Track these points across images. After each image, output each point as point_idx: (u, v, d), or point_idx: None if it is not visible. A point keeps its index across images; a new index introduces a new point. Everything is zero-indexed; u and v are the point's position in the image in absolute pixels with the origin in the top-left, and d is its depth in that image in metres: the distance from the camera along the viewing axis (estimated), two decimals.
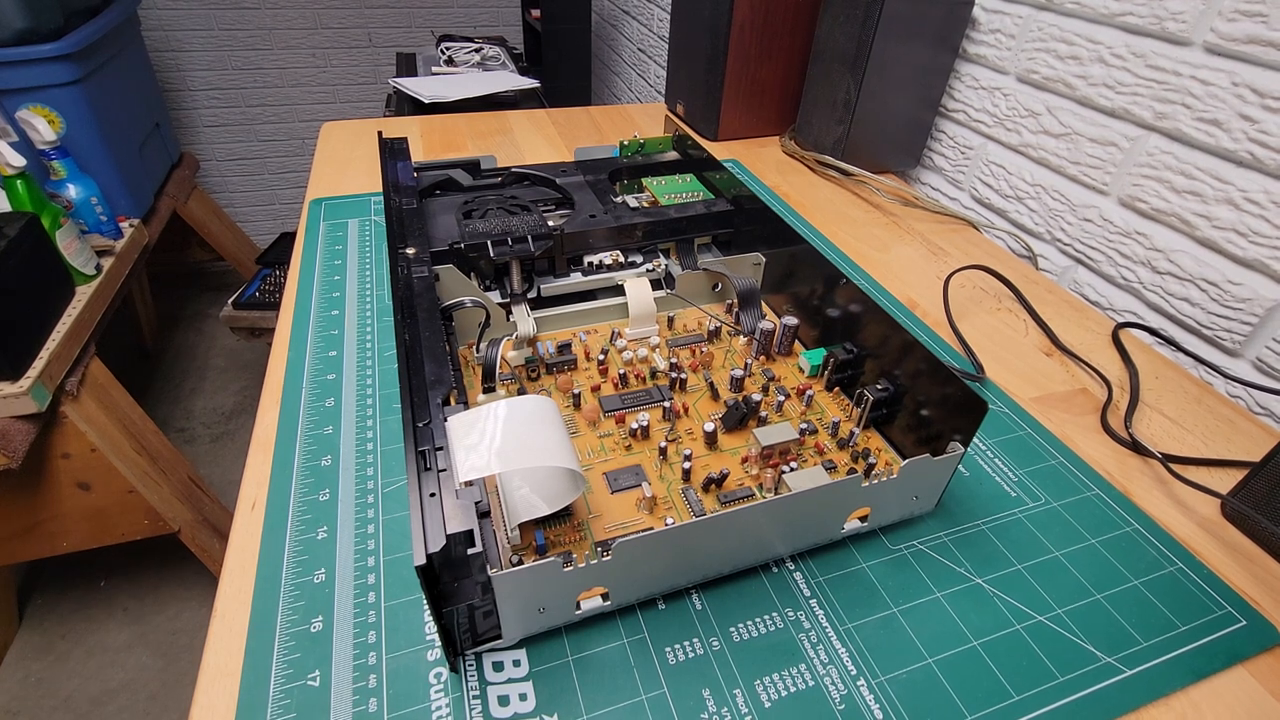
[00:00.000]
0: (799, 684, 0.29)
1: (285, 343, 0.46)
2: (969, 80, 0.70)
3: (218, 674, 0.28)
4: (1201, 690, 0.30)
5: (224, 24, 1.78)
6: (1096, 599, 0.33)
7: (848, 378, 0.42)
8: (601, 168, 0.58)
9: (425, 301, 0.38)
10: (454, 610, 0.27)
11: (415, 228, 0.45)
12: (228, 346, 1.81)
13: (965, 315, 0.54)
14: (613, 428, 0.39)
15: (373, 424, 0.40)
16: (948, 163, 0.76)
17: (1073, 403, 0.46)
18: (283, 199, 2.11)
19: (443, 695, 0.28)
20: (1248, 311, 0.49)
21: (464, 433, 0.28)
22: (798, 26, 0.78)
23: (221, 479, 1.44)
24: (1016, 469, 0.40)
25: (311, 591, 0.31)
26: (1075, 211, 0.61)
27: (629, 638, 0.30)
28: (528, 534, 0.33)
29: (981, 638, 0.31)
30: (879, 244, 0.63)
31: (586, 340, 0.46)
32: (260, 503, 0.35)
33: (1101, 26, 0.56)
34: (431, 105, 1.16)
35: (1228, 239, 0.49)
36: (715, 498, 0.36)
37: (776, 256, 0.48)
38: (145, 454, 1.00)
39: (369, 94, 2.00)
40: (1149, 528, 0.37)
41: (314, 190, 0.67)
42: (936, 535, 0.36)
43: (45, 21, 1.09)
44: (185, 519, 1.06)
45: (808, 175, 0.76)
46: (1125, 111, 0.55)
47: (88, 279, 0.99)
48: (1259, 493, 0.36)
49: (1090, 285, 0.61)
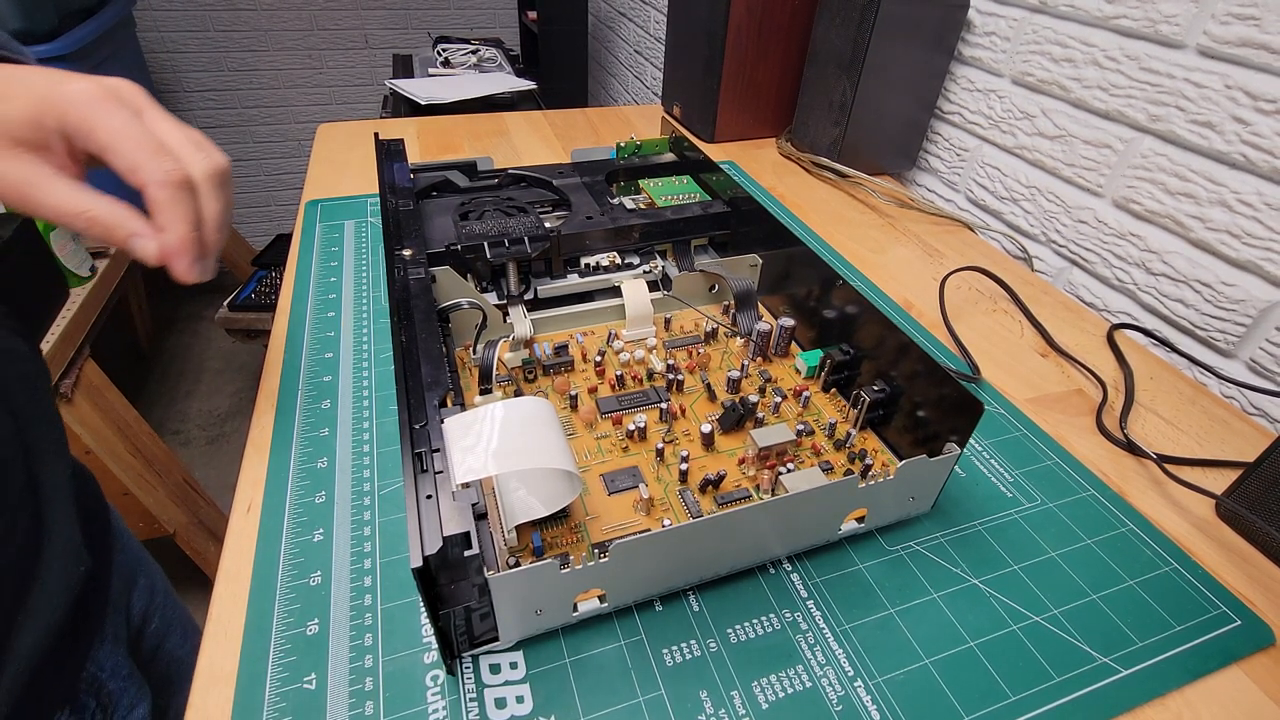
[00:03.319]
0: (796, 685, 0.29)
1: (281, 345, 0.46)
2: (964, 82, 0.71)
3: (213, 678, 0.28)
4: (1197, 690, 0.30)
5: (219, 25, 1.77)
6: (1092, 599, 0.33)
7: (844, 379, 0.42)
8: (598, 169, 0.58)
9: (422, 303, 0.38)
10: (451, 612, 0.27)
11: (412, 229, 0.45)
12: (223, 349, 1.81)
13: (961, 316, 0.54)
14: (610, 429, 0.39)
15: (369, 426, 0.40)
16: (943, 165, 0.76)
17: (1068, 403, 0.46)
18: (279, 201, 2.11)
19: (439, 698, 0.28)
20: (1241, 313, 0.49)
21: (461, 434, 0.28)
22: (794, 29, 0.78)
23: (217, 482, 1.43)
24: (1012, 470, 0.40)
25: (307, 594, 0.31)
26: (1070, 213, 0.61)
27: (626, 639, 0.30)
28: (525, 536, 0.33)
29: (978, 638, 0.31)
30: (875, 245, 0.64)
31: (583, 342, 0.46)
32: (256, 505, 0.35)
33: (1095, 29, 0.56)
34: (428, 107, 1.16)
35: (1221, 240, 0.50)
36: (712, 499, 0.36)
37: (773, 258, 0.48)
38: (140, 456, 0.99)
39: (365, 96, 2.00)
40: (1144, 528, 0.37)
41: (310, 192, 0.66)
42: (933, 536, 0.36)
43: (40, 23, 1.08)
44: (180, 522, 1.05)
45: (804, 177, 0.77)
46: (1119, 114, 0.55)
47: (82, 281, 0.99)
48: (1253, 493, 0.36)
49: (1085, 286, 0.61)
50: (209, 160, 0.31)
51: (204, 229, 0.31)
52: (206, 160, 0.31)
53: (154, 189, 0.29)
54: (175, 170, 0.29)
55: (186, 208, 0.30)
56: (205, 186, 0.31)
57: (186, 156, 0.30)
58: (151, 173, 0.29)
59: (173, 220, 0.29)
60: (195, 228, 0.30)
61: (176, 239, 0.29)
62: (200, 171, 0.30)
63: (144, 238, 0.30)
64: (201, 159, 0.30)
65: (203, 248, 0.31)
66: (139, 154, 0.28)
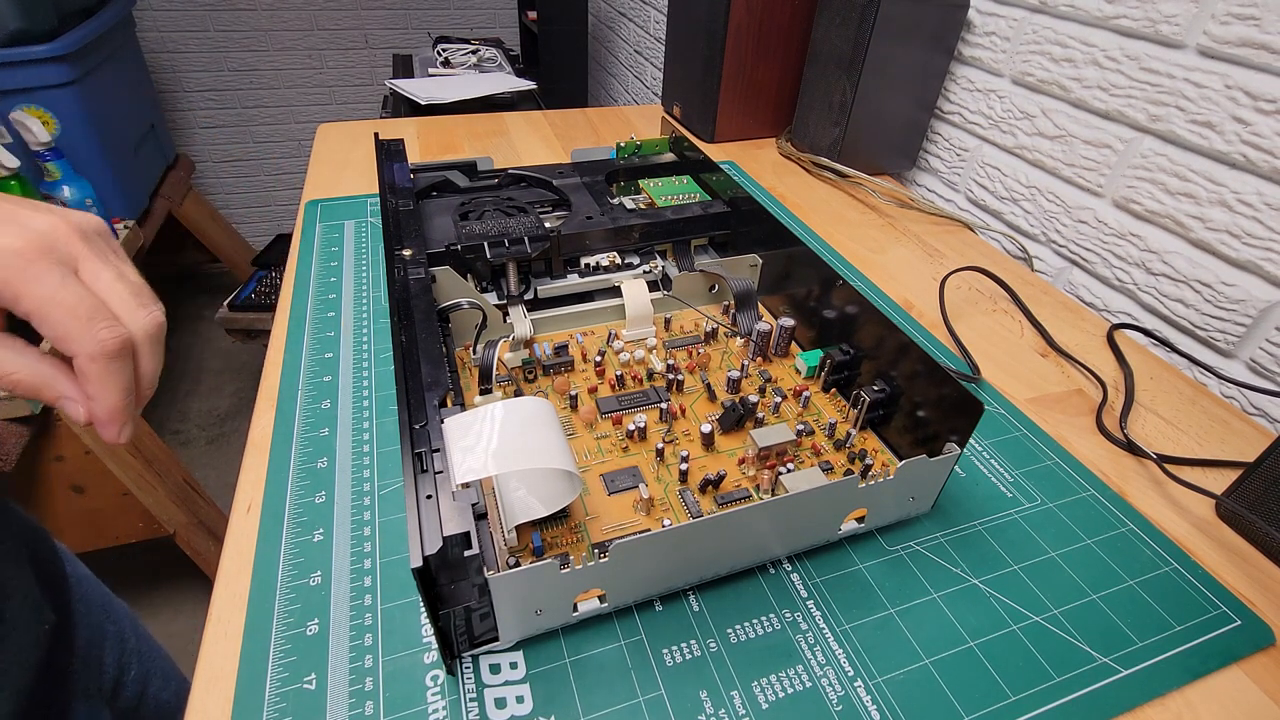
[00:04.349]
0: (796, 685, 0.29)
1: (281, 345, 0.46)
2: (964, 83, 0.71)
3: (213, 678, 0.28)
4: (1197, 690, 0.30)
5: (220, 25, 1.77)
6: (1092, 599, 0.33)
7: (844, 379, 0.42)
8: (598, 169, 0.58)
9: (422, 303, 0.38)
10: (451, 612, 0.27)
11: (412, 229, 0.45)
12: (223, 348, 1.81)
13: (961, 316, 0.54)
14: (610, 429, 0.39)
15: (369, 426, 0.40)
16: (943, 165, 0.76)
17: (1068, 403, 0.46)
18: (279, 201, 2.11)
19: (439, 698, 0.28)
20: (1241, 313, 0.49)
21: (460, 434, 0.28)
22: (794, 28, 0.78)
23: (217, 482, 1.43)
24: (1012, 470, 0.40)
25: (307, 594, 0.31)
26: (1070, 213, 0.61)
27: (626, 639, 0.30)
28: (525, 536, 0.33)
29: (978, 638, 0.31)
30: (875, 245, 0.64)
31: (583, 342, 0.46)
32: (256, 505, 0.35)
33: (1095, 29, 0.56)
34: (428, 107, 1.16)
35: (1221, 240, 0.50)
36: (712, 499, 0.36)
37: (773, 258, 0.48)
38: (140, 456, 0.99)
39: (365, 96, 2.00)
40: (1144, 528, 0.37)
41: (310, 192, 0.66)
42: (933, 536, 0.36)
43: (40, 22, 1.08)
44: (180, 522, 1.05)
45: (804, 177, 0.77)
46: (1119, 114, 0.55)
47: None
48: (1253, 493, 0.36)
49: (1085, 286, 0.61)
50: (149, 316, 0.28)
51: (138, 389, 0.28)
52: (147, 317, 0.28)
53: (84, 361, 0.26)
54: (110, 339, 0.27)
55: (120, 377, 0.27)
56: (144, 346, 0.28)
57: (126, 315, 0.27)
58: (84, 344, 0.26)
59: (104, 391, 0.27)
60: (128, 395, 0.28)
61: (106, 409, 0.27)
62: (140, 329, 0.28)
63: (72, 400, 0.28)
64: (143, 316, 0.28)
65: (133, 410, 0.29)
66: (69, 323, 0.26)
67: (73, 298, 0.26)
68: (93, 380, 0.27)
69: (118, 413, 0.28)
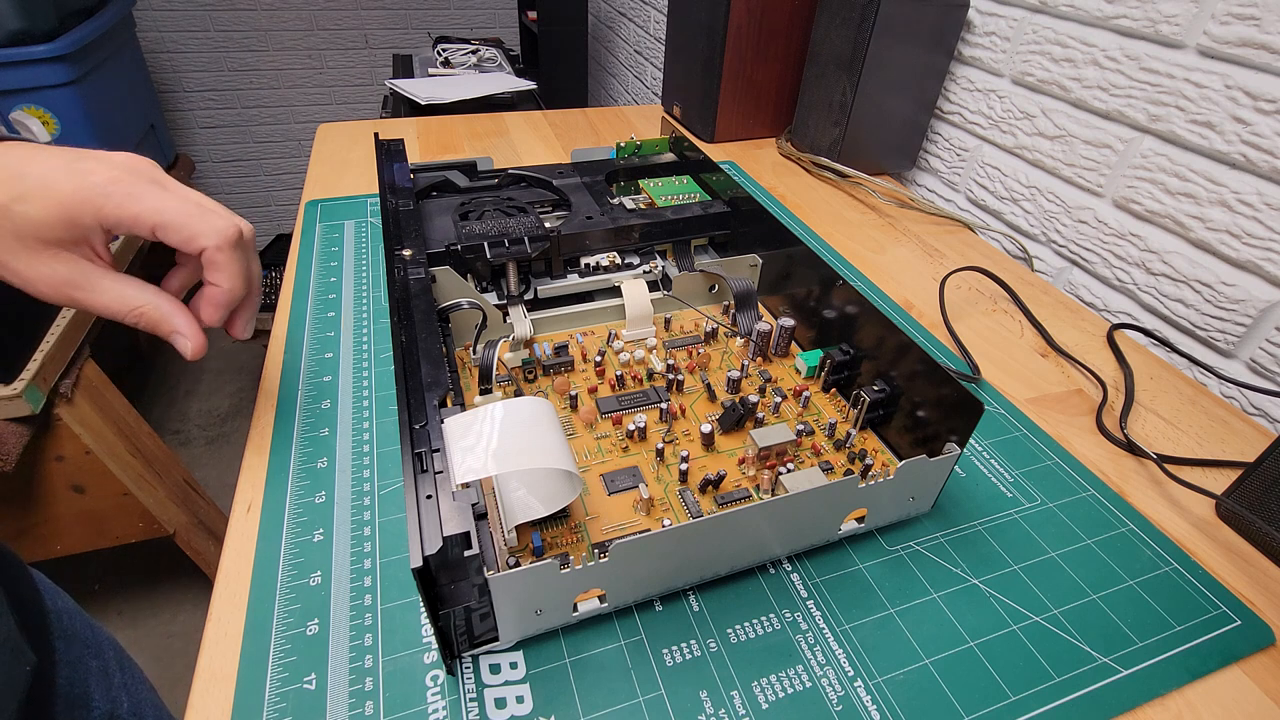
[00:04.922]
0: (796, 685, 0.29)
1: (281, 345, 0.46)
2: (964, 83, 0.71)
3: (213, 677, 0.28)
4: (1197, 690, 0.30)
5: (219, 25, 1.77)
6: (1092, 599, 0.33)
7: (844, 379, 0.42)
8: (598, 169, 0.58)
9: (422, 303, 0.38)
10: (451, 612, 0.27)
11: (412, 229, 0.45)
12: (223, 348, 1.81)
13: (961, 317, 0.54)
14: (610, 429, 0.39)
15: (369, 426, 0.40)
16: (943, 165, 0.76)
17: (1068, 404, 0.46)
18: (278, 201, 2.11)
19: (439, 698, 0.28)
20: (1241, 313, 0.49)
21: (460, 434, 0.28)
22: (794, 29, 0.78)
23: (217, 482, 1.43)
24: (1012, 470, 0.40)
25: (307, 594, 0.31)
26: (1070, 213, 0.61)
27: (626, 639, 0.30)
28: (524, 536, 0.33)
29: (978, 638, 0.31)
30: (875, 245, 0.64)
31: (583, 342, 0.46)
32: (256, 505, 0.35)
33: (1095, 29, 0.56)
34: (428, 107, 1.16)
35: (1221, 240, 0.50)
36: (712, 499, 0.36)
37: (773, 258, 0.48)
38: (140, 457, 0.99)
39: (365, 96, 2.00)
40: (1144, 528, 0.37)
41: (310, 192, 0.66)
42: (933, 536, 0.36)
43: (40, 22, 1.08)
44: (180, 522, 1.05)
45: (804, 177, 0.77)
46: (1119, 114, 0.55)
47: None
48: (1253, 493, 0.36)
49: (1085, 287, 0.61)
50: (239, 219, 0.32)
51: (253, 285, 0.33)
52: (239, 218, 0.32)
53: (212, 251, 0.30)
54: (228, 228, 0.30)
55: (243, 264, 0.31)
56: (251, 243, 0.32)
57: (224, 213, 0.31)
58: (209, 236, 0.29)
59: (231, 278, 0.31)
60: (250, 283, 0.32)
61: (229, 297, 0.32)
62: (245, 225, 0.32)
63: (183, 336, 0.31)
64: (236, 217, 0.31)
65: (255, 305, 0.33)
66: (191, 223, 0.29)
67: (181, 201, 0.29)
68: (222, 268, 0.30)
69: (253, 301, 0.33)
